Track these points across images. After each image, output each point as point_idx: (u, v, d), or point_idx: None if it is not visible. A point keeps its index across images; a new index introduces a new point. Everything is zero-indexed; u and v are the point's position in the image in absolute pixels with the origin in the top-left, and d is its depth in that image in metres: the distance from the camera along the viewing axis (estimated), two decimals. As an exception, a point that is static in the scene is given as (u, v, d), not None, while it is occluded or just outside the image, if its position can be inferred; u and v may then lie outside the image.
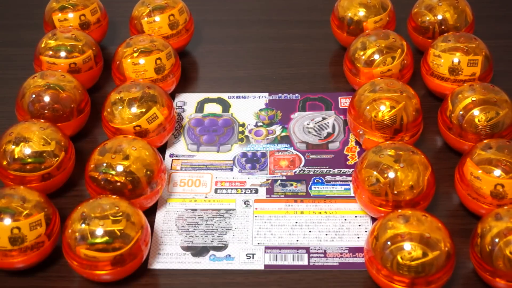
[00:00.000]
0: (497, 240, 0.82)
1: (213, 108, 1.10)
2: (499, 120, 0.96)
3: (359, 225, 0.94)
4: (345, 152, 1.03)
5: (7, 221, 0.84)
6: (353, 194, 0.96)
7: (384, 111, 0.97)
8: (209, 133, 1.06)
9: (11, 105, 1.04)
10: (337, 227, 0.94)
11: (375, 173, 0.90)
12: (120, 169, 0.90)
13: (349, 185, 0.98)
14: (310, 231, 0.93)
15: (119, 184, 0.90)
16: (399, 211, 0.85)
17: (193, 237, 0.93)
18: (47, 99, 1.00)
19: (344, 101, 1.10)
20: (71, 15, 1.14)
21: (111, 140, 0.93)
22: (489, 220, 0.84)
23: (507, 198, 0.88)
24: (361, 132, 0.99)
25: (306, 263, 0.90)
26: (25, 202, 0.86)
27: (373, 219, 0.94)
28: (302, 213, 0.95)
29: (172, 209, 0.96)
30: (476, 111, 0.96)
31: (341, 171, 1.00)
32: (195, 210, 0.96)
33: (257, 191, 0.98)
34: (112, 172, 0.90)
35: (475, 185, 0.90)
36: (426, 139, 1.04)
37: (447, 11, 1.12)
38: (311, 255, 0.91)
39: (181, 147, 1.04)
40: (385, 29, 1.10)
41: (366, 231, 0.93)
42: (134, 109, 0.98)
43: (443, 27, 1.12)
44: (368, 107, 0.98)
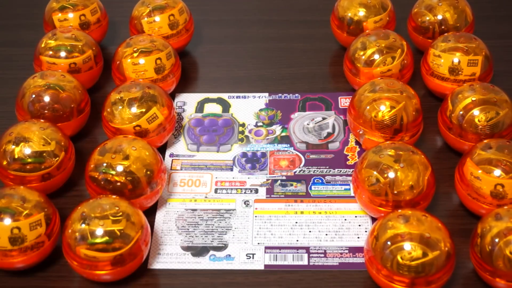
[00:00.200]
0: (497, 240, 0.82)
1: (213, 108, 1.10)
2: (499, 120, 0.96)
3: (359, 225, 0.94)
4: (345, 152, 1.03)
5: (7, 221, 0.84)
6: (353, 194, 0.96)
7: (384, 111, 0.97)
8: (209, 133, 1.06)
9: (11, 105, 1.04)
10: (337, 227, 0.94)
11: (375, 173, 0.90)
12: (120, 169, 0.90)
13: (349, 185, 0.98)
14: (310, 231, 0.93)
15: (119, 184, 0.90)
16: (399, 211, 0.85)
17: (193, 237, 0.93)
18: (47, 99, 1.00)
19: (344, 101, 1.10)
20: (71, 15, 1.14)
21: (111, 140, 0.93)
22: (489, 220, 0.84)
23: (507, 198, 0.88)
24: (361, 132, 0.99)
25: (306, 263, 0.90)
26: (25, 202, 0.86)
27: (373, 219, 0.93)
28: (302, 213, 0.95)
29: (172, 209, 0.96)
30: (476, 111, 0.96)
31: (341, 171, 1.00)
32: (195, 210, 0.96)
33: (257, 191, 0.98)
34: (112, 172, 0.90)
35: (475, 185, 0.90)
36: (426, 139, 1.04)
37: (447, 11, 1.12)
38: (311, 255, 0.91)
39: (181, 147, 1.04)
40: (385, 29, 1.10)
41: (366, 231, 0.93)
42: (134, 109, 0.98)
43: (443, 27, 1.12)
44: (368, 107, 0.98)
